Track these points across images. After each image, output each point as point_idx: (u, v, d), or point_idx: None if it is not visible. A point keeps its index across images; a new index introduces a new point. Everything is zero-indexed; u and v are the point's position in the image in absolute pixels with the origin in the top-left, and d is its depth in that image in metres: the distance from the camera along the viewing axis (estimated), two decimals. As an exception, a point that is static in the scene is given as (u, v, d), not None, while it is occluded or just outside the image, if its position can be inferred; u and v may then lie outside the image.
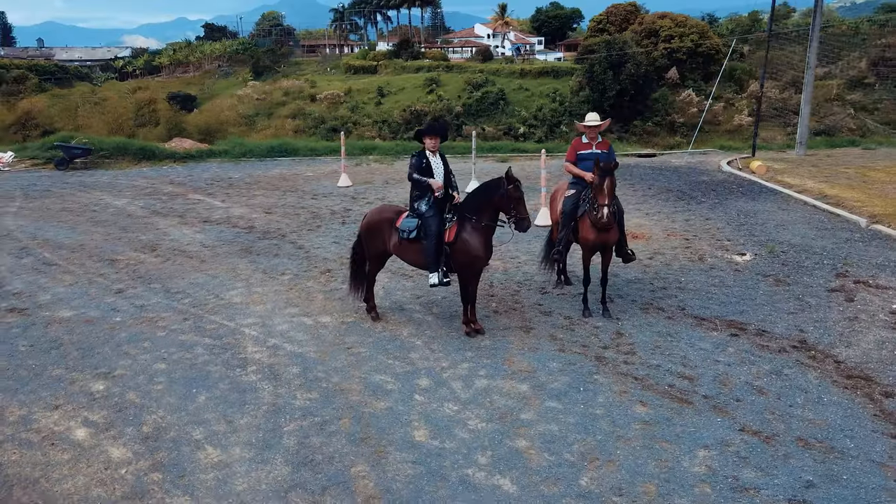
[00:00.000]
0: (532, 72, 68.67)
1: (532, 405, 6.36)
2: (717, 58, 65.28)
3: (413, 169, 7.76)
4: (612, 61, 57.62)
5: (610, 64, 57.26)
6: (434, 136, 7.82)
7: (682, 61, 64.15)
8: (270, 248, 11.57)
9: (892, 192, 14.97)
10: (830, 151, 21.45)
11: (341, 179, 16.93)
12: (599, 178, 7.68)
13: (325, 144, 23.21)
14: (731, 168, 18.58)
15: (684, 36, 63.97)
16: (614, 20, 78.09)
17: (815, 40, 18.98)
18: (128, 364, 7.33)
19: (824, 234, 11.89)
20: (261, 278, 10.07)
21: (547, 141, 55.53)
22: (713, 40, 65.23)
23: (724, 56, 67.13)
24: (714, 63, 65.01)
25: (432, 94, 63.92)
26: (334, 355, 7.46)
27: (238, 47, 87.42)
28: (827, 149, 22.05)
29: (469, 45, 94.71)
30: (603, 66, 56.95)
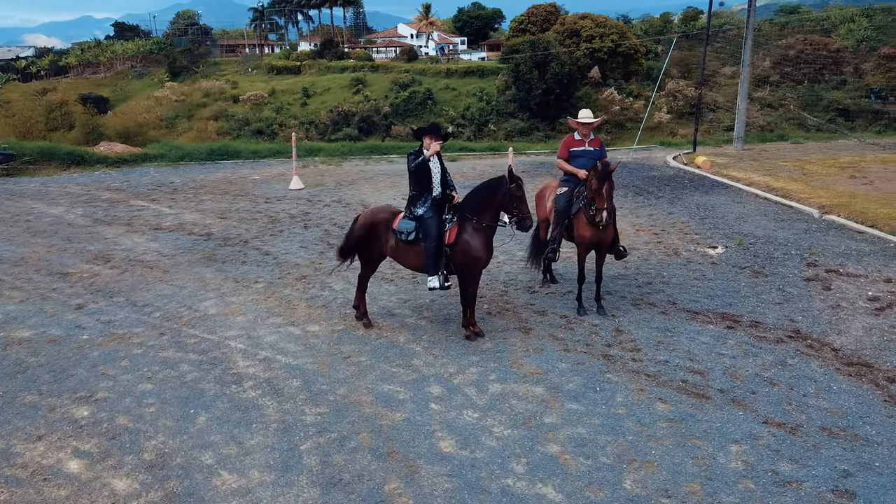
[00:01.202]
0: (458, 71, 68.92)
1: (553, 408, 6.22)
2: (636, 57, 67.39)
3: (413, 163, 7.45)
4: (537, 61, 58.53)
5: (535, 63, 58.15)
6: (435, 136, 7.53)
7: (604, 61, 65.85)
8: (236, 256, 11.02)
9: (832, 183, 15.67)
10: (764, 146, 22.34)
11: (293, 182, 16.38)
12: (598, 181, 7.61)
13: (269, 146, 22.47)
14: (677, 163, 19.06)
15: (605, 36, 65.65)
16: (535, 20, 79.36)
17: (749, 39, 19.70)
18: (109, 386, 6.77)
19: (783, 226, 12.29)
20: (233, 287, 9.55)
21: (476, 140, 55.95)
22: (632, 41, 67.25)
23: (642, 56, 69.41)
24: (633, 62, 67.13)
25: (359, 95, 63.27)
26: (334, 366, 7.11)
27: (152, 47, 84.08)
28: (759, 143, 22.96)
29: (393, 45, 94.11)
30: (528, 66, 57.78)
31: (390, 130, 58.69)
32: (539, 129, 57.09)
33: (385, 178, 17.67)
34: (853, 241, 11.28)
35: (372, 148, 21.96)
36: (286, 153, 20.87)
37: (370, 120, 58.91)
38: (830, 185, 15.41)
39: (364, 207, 14.07)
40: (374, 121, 59.03)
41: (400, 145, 23.29)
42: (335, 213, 13.79)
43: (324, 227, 12.66)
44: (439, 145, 7.52)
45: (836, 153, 20.46)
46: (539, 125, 58.40)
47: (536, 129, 56.40)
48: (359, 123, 57.65)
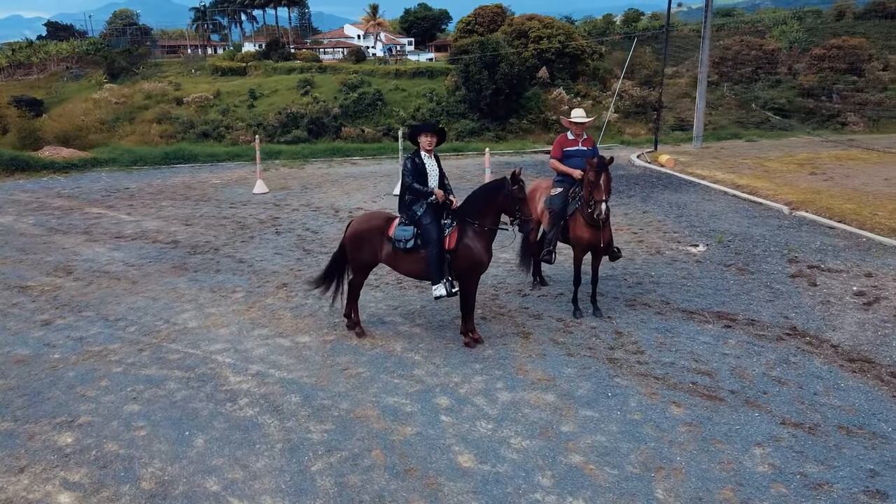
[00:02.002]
0: (407, 72, 68.51)
1: (567, 416, 6.04)
2: (583, 58, 68.33)
3: (410, 175, 7.17)
4: (486, 61, 58.66)
5: (485, 64, 58.28)
6: (430, 133, 7.27)
7: (551, 61, 66.53)
8: (208, 264, 10.53)
9: (794, 180, 16.01)
10: (722, 144, 22.78)
11: (257, 186, 15.85)
12: (595, 173, 7.48)
13: (227, 149, 21.79)
14: (642, 162, 19.22)
15: (552, 37, 66.29)
16: (482, 21, 79.60)
17: (706, 39, 20.04)
18: (91, 408, 6.29)
19: (756, 223, 12.44)
20: (210, 298, 9.10)
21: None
22: (578, 42, 68.13)
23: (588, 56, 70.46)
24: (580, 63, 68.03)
25: (307, 96, 62.28)
26: (332, 379, 6.79)
27: (89, 48, 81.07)
28: (716, 142, 23.39)
29: (340, 45, 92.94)
30: (478, 67, 57.85)
31: (340, 132, 57.93)
32: (490, 129, 57.19)
33: (351, 180, 17.29)
34: (826, 236, 11.48)
35: (334, 150, 21.52)
36: (245, 156, 20.29)
37: (320, 121, 58.02)
38: (793, 181, 15.74)
39: (335, 211, 13.74)
40: (323, 122, 58.16)
41: (362, 147, 22.92)
42: (306, 217, 13.38)
43: (296, 233, 12.24)
44: (432, 142, 7.27)
45: (791, 150, 20.99)
46: (490, 125, 58.52)
47: (487, 130, 56.49)
48: (308, 125, 56.71)
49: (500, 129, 60.39)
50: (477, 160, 20.74)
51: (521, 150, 22.74)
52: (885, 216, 12.45)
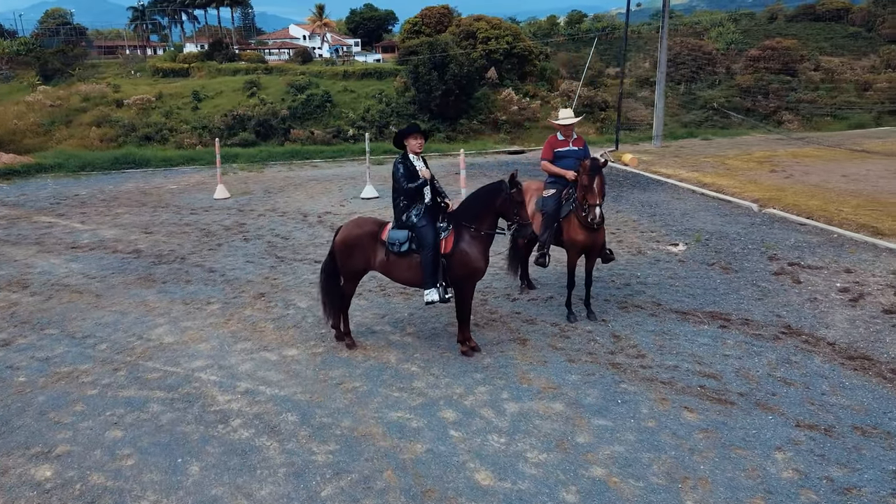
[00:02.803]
0: (355, 73, 67.79)
1: (580, 426, 5.83)
2: (531, 58, 68.91)
3: (403, 178, 6.86)
4: (435, 62, 58.51)
5: (434, 65, 58.13)
6: (417, 134, 6.99)
7: (500, 62, 66.86)
8: (177, 274, 9.99)
9: (757, 177, 16.26)
10: (680, 143, 23.08)
11: (218, 191, 15.24)
12: (589, 177, 7.31)
13: (182, 154, 20.97)
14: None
15: (500, 38, 66.66)
16: (429, 22, 79.47)
17: (664, 39, 20.24)
18: (69, 437, 5.80)
19: (729, 221, 12.53)
20: (184, 311, 8.60)
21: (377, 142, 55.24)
22: (526, 42, 68.69)
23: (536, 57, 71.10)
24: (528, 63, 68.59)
25: (254, 98, 61.05)
26: (328, 394, 6.44)
27: (19, 48, 77.70)
28: (673, 140, 23.69)
29: (286, 46, 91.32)
30: (427, 67, 57.67)
31: (289, 134, 56.92)
32: (440, 129, 57.06)
33: (315, 183, 16.81)
34: (798, 233, 11.62)
35: (293, 153, 20.96)
36: (201, 160, 19.57)
37: (267, 123, 56.92)
38: (755, 179, 15.98)
39: (303, 216, 13.30)
40: (271, 124, 57.08)
41: (321, 149, 22.38)
42: (273, 223, 12.89)
43: (266, 239, 11.77)
44: (422, 144, 7.00)
45: (747, 148, 21.39)
46: (440, 126, 58.39)
47: (438, 130, 56.28)
48: (255, 127, 55.59)
49: (451, 130, 60.30)
50: (442, 161, 20.49)
51: (482, 151, 22.59)
52: (850, 212, 12.69)
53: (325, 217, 13.26)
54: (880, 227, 11.61)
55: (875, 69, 71.04)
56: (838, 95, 64.92)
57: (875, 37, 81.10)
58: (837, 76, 69.56)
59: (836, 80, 67.65)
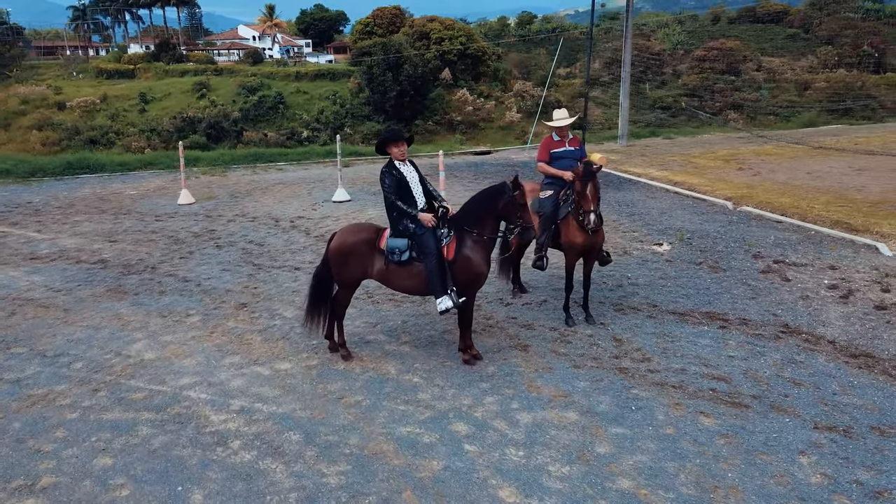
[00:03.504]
0: (308, 74, 66.98)
1: (598, 435, 5.65)
2: (484, 59, 69.10)
3: (391, 191, 6.55)
4: (389, 63, 58.19)
5: (388, 66, 57.80)
6: (399, 141, 6.68)
7: (454, 62, 66.91)
8: (149, 285, 9.48)
9: (726, 176, 16.44)
10: (644, 142, 23.26)
11: (182, 196, 14.62)
12: (583, 183, 7.16)
13: (138, 158, 20.15)
14: (574, 161, 19.28)
15: (453, 38, 66.71)
16: (381, 23, 79.07)
17: (628, 39, 20.35)
18: (53, 467, 5.35)
19: (706, 219, 12.58)
20: (162, 324, 8.13)
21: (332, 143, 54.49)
22: (479, 43, 68.89)
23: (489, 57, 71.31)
24: (482, 64, 68.76)
25: (204, 100, 59.80)
26: (330, 410, 6.11)
27: (-46, 49, 74.36)
28: (636, 140, 23.87)
29: (235, 47, 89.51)
30: (381, 68, 57.31)
31: (241, 136, 55.81)
32: (396, 131, 56.75)
33: (282, 187, 16.32)
34: (776, 230, 11.72)
35: (256, 155, 20.36)
36: (159, 164, 18.83)
37: (219, 126, 55.78)
38: (724, 177, 16.16)
39: (275, 221, 12.86)
40: (223, 127, 55.96)
41: (286, 152, 21.82)
42: (244, 228, 12.41)
43: (239, 246, 11.30)
44: (405, 151, 6.72)
45: (710, 147, 21.69)
46: (395, 127, 58.04)
47: (393, 132, 56.04)
48: (206, 130, 54.43)
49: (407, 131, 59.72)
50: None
51: (449, 152, 22.33)
52: (822, 208, 12.89)
53: (298, 222, 12.84)
54: (853, 223, 11.80)
55: (813, 69, 73.53)
56: (780, 95, 66.96)
57: (812, 38, 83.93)
58: (779, 76, 71.75)
59: (777, 80, 69.80)
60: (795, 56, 78.53)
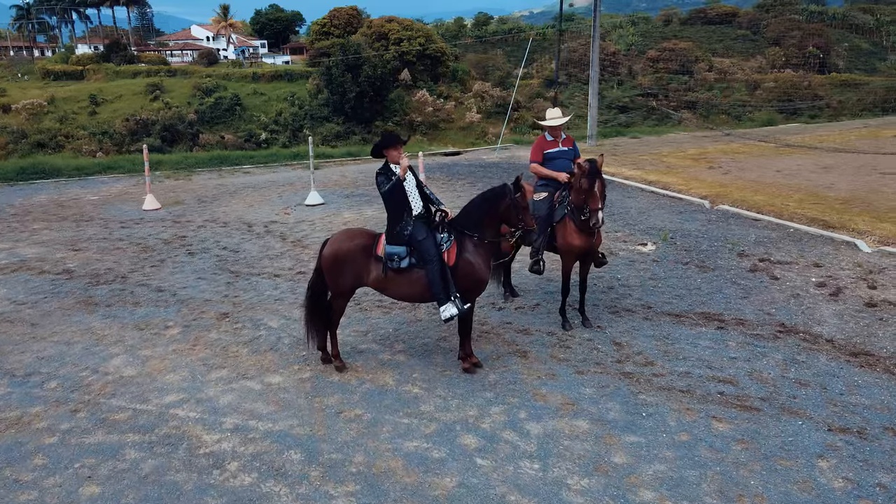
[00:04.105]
0: (265, 75, 66.00)
1: (613, 445, 5.47)
2: (443, 60, 69.02)
3: (389, 196, 6.31)
4: (348, 64, 57.70)
5: (347, 66, 57.29)
6: (397, 145, 6.43)
7: (413, 63, 66.67)
8: (121, 296, 9.00)
9: (697, 174, 16.54)
10: (613, 141, 23.34)
11: (147, 201, 14.04)
12: (589, 181, 6.98)
13: (97, 162, 19.39)
14: (546, 161, 19.21)
15: (412, 39, 66.48)
16: (338, 23, 78.42)
17: (596, 40, 20.39)
18: (35, 498, 4.95)
19: (685, 218, 12.58)
20: (140, 337, 7.70)
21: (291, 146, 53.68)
22: (438, 44, 68.78)
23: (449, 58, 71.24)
24: (441, 65, 68.66)
25: (158, 102, 58.45)
26: (330, 426, 5.81)
27: None
28: (604, 139, 23.93)
29: (189, 48, 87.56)
30: (340, 69, 56.77)
31: (198, 139, 54.61)
32: (356, 132, 56.30)
33: (250, 191, 15.84)
34: (756, 228, 11.77)
35: (221, 159, 19.76)
36: (119, 168, 18.13)
37: (174, 128, 54.56)
38: (697, 175, 16.25)
39: (248, 227, 12.45)
40: (178, 129, 54.74)
41: (251, 154, 21.28)
42: (216, 234, 11.94)
43: (213, 253, 10.85)
44: (405, 155, 6.47)
45: (678, 145, 21.86)
46: (355, 129, 57.62)
47: (353, 133, 55.56)
48: (161, 133, 53.17)
49: (367, 133, 59.60)
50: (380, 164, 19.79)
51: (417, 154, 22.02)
52: (796, 206, 13.02)
53: (272, 227, 12.42)
54: (829, 220, 11.92)
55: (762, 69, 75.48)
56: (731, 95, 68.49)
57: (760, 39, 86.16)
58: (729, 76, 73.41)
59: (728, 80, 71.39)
60: (745, 57, 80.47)
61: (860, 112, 52.10)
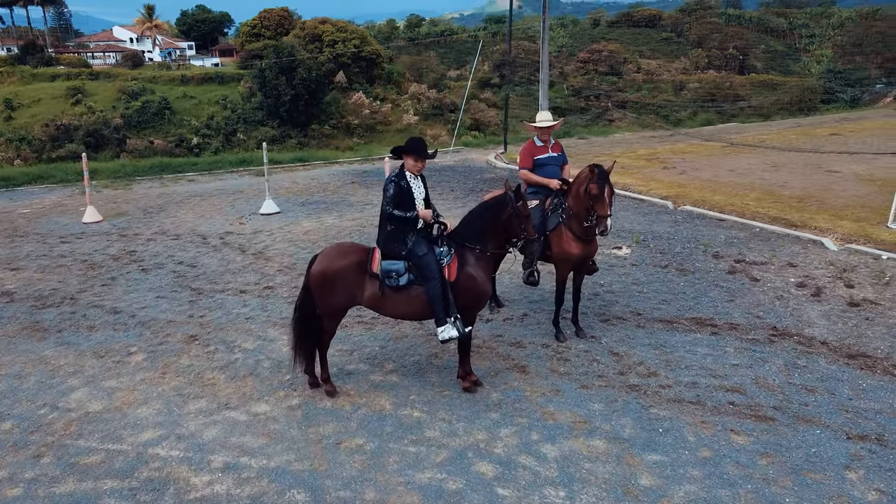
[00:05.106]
0: (195, 78, 63.98)
1: (636, 465, 5.21)
2: (378, 62, 68.42)
3: (392, 202, 5.85)
4: (282, 66, 56.52)
5: (281, 69, 56.09)
6: (421, 157, 5.97)
7: (348, 65, 65.85)
8: (72, 319, 8.24)
9: (653, 175, 16.62)
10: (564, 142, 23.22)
11: (88, 214, 13.08)
12: (598, 185, 6.72)
13: (25, 171, 18.05)
14: (501, 163, 18.99)
15: (347, 41, 65.65)
16: (269, 25, 76.82)
17: (545, 42, 20.32)
18: (5, 563, 4.32)
19: (652, 220, 12.54)
20: (101, 366, 7.01)
21: (225, 151, 52.09)
22: (373, 46, 68.14)
23: (384, 60, 70.66)
24: (376, 67, 68.05)
25: (80, 106, 55.86)
26: (331, 459, 5.35)
27: None
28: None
29: (111, 49, 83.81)
30: (275, 72, 55.53)
31: (125, 144, 52.40)
32: (292, 136, 55.19)
33: (199, 200, 15.00)
34: (723, 229, 11.81)
35: (163, 166, 18.73)
36: (49, 178, 16.94)
37: (99, 133, 52.24)
38: (653, 176, 16.33)
39: (203, 239, 11.75)
40: (103, 134, 52.42)
41: (195, 161, 20.27)
42: (169, 248, 11.18)
43: (169, 268, 10.12)
44: (422, 167, 6.05)
45: (628, 146, 22.03)
46: (291, 132, 56.49)
47: (289, 137, 54.44)
48: (85, 138, 50.81)
49: (303, 136, 58.57)
50: (330, 169, 19.23)
51: (368, 157, 21.55)
52: (756, 205, 13.17)
53: (229, 238, 11.73)
54: (791, 219, 12.08)
55: (686, 70, 77.95)
56: (658, 95, 70.45)
57: (684, 41, 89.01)
58: (656, 77, 75.50)
59: (655, 81, 73.42)
60: (670, 58, 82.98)
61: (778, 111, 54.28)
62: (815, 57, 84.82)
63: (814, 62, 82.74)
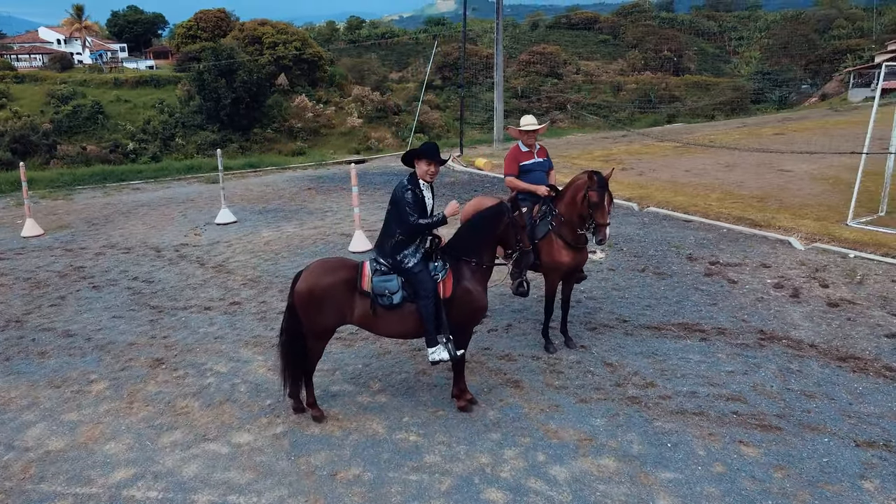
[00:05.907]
0: (129, 81, 61.85)
1: (651, 485, 4.99)
2: (321, 64, 67.50)
3: (414, 210, 5.46)
4: (222, 69, 55.16)
5: (220, 72, 54.72)
6: (435, 161, 5.61)
7: (289, 68, 64.76)
8: (21, 345, 7.56)
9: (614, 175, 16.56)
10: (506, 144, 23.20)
11: (28, 227, 12.22)
12: (598, 193, 6.51)
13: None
14: (460, 166, 18.73)
15: (288, 43, 64.54)
16: (205, 26, 74.92)
17: (499, 43, 20.18)
18: None
19: (620, 222, 12.46)
20: (58, 397, 6.42)
21: (163, 156, 50.43)
22: (315, 48, 67.18)
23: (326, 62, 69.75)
24: (318, 69, 67.11)
25: (5, 110, 53.22)
26: (327, 492, 4.96)
27: None
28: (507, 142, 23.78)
29: (37, 51, 79.94)
30: (214, 74, 54.12)
31: (55, 150, 50.15)
32: (233, 140, 53.86)
33: (147, 209, 14.24)
34: (691, 230, 11.82)
35: (105, 174, 17.76)
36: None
37: (26, 139, 49.93)
38: (613, 177, 16.25)
39: (157, 252, 11.10)
40: (31, 140, 50.10)
41: (139, 169, 19.32)
42: (121, 262, 10.50)
43: (123, 285, 9.48)
44: (435, 174, 5.70)
45: (584, 147, 22.07)
46: (233, 136, 55.16)
47: (230, 141, 53.08)
48: (11, 144, 48.51)
49: (245, 140, 57.28)
50: (283, 175, 18.62)
51: (321, 162, 20.97)
52: (718, 205, 13.27)
53: (185, 250, 11.11)
54: (755, 218, 12.19)
55: (624, 72, 79.58)
56: (598, 96, 71.66)
57: (621, 43, 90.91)
58: (595, 79, 76.79)
59: (594, 82, 74.67)
60: (608, 60, 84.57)
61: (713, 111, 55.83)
62: (745, 59, 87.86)
63: (743, 64, 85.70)
